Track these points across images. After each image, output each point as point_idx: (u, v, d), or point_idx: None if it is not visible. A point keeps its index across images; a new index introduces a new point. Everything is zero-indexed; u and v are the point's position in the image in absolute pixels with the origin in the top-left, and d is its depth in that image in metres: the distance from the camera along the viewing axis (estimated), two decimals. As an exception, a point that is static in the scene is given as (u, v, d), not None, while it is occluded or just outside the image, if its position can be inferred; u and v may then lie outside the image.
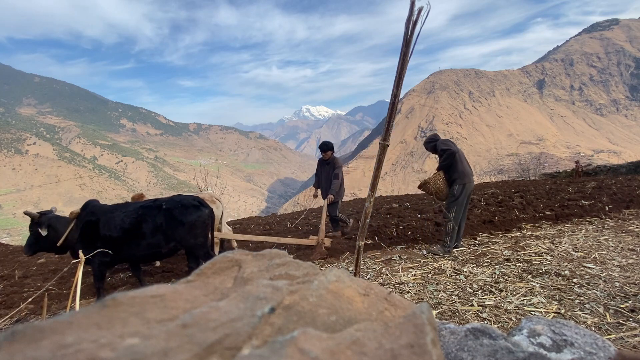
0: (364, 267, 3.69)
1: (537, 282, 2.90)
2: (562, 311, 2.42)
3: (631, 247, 3.66)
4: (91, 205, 3.27)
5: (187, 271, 4.40)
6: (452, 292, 2.88)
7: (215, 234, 4.28)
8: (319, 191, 5.23)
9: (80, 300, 2.41)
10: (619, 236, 4.08)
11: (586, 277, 2.95)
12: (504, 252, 3.75)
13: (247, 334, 0.42)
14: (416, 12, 1.81)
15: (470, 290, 2.89)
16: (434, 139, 4.16)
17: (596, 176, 12.43)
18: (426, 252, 4.05)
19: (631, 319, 2.23)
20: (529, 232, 4.52)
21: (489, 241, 4.30)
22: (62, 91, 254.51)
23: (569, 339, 0.73)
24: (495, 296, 2.73)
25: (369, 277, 3.44)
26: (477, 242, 4.32)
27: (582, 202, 5.98)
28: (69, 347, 0.36)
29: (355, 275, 2.41)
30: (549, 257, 3.47)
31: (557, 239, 4.09)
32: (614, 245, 3.77)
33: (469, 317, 2.47)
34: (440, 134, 4.27)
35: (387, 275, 3.40)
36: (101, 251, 2.99)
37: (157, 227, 3.11)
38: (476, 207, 6.29)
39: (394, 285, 3.15)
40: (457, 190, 3.89)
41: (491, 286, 2.91)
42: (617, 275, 2.96)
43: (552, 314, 2.39)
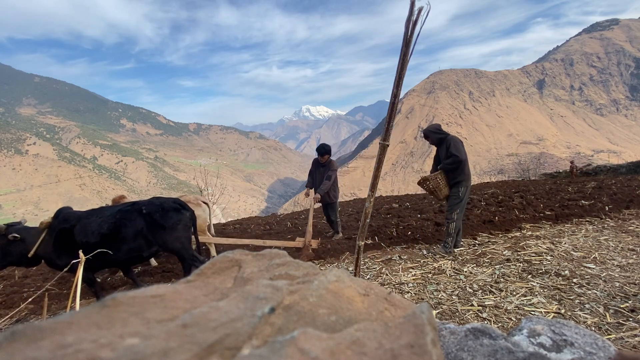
0: (364, 267, 3.69)
1: (537, 282, 2.90)
2: (562, 311, 2.42)
3: (631, 247, 3.66)
4: (64, 212, 3.16)
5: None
6: (452, 292, 2.88)
7: (202, 238, 4.28)
8: (312, 191, 5.22)
9: (80, 300, 2.40)
10: (619, 236, 4.08)
11: (586, 277, 2.95)
12: (504, 252, 3.75)
13: (247, 334, 0.42)
14: (416, 12, 1.81)
15: (470, 290, 2.89)
16: (440, 131, 4.04)
17: (596, 176, 12.43)
18: (426, 252, 4.04)
19: (631, 319, 2.23)
20: (529, 232, 4.52)
21: (489, 241, 4.30)
22: (62, 91, 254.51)
23: (569, 339, 0.73)
24: (495, 296, 2.73)
25: (369, 277, 3.44)
26: (477, 242, 4.32)
27: (582, 202, 5.98)
28: (69, 347, 0.36)
29: (355, 275, 2.41)
30: (549, 257, 3.47)
31: (557, 239, 4.09)
32: (614, 245, 3.77)
33: (469, 317, 2.47)
34: (445, 132, 4.12)
35: (387, 275, 3.40)
36: (70, 260, 2.92)
37: (138, 232, 3.03)
38: (476, 207, 6.30)
39: (394, 285, 3.15)
40: (462, 192, 3.86)
41: (491, 286, 2.91)
42: (617, 275, 2.96)
43: (552, 314, 2.39)
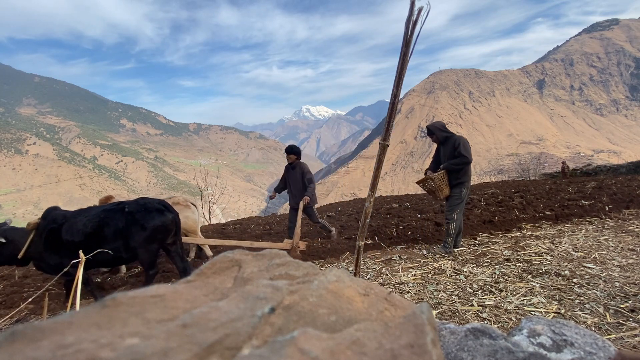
0: (364, 267, 3.69)
1: (537, 282, 2.90)
2: (562, 311, 2.42)
3: (631, 247, 3.66)
4: (53, 213, 3.16)
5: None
6: (452, 292, 2.88)
7: (183, 239, 4.28)
8: (284, 196, 5.19)
9: (80, 300, 2.40)
10: (619, 236, 4.08)
11: (586, 277, 2.95)
12: (504, 252, 3.75)
13: (247, 334, 0.42)
14: (416, 12, 1.81)
15: (470, 290, 2.89)
16: (446, 129, 4.02)
17: (596, 176, 12.43)
18: (426, 252, 4.04)
19: (631, 319, 2.23)
20: (529, 232, 4.52)
21: (489, 241, 4.30)
22: (62, 91, 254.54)
23: (569, 339, 0.73)
24: (495, 296, 2.73)
25: (369, 277, 3.44)
26: (477, 242, 4.32)
27: (582, 202, 5.98)
28: (69, 347, 0.36)
29: (355, 275, 2.41)
30: (549, 257, 3.47)
31: (557, 239, 4.09)
32: (614, 245, 3.77)
33: (469, 317, 2.47)
34: (451, 132, 4.09)
35: (387, 275, 3.40)
36: (59, 260, 2.94)
37: (119, 231, 3.02)
38: (476, 207, 6.30)
39: (394, 285, 3.15)
40: (464, 193, 3.85)
41: (491, 286, 2.91)
42: (617, 275, 2.96)
43: (552, 314, 2.39)
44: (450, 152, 3.88)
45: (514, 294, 2.74)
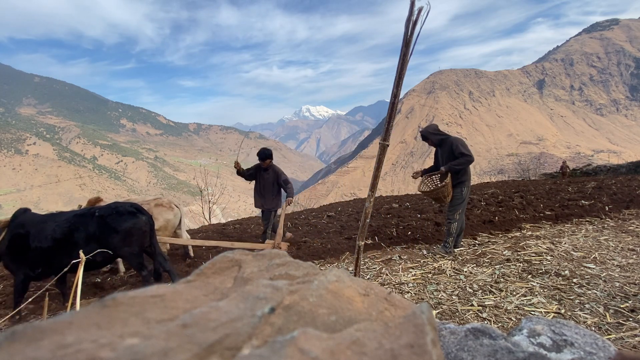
0: (364, 267, 3.69)
1: (537, 282, 2.90)
2: (562, 311, 2.42)
3: (631, 247, 3.66)
4: (21, 216, 3.11)
5: (186, 272, 4.40)
6: (452, 292, 2.88)
7: (165, 239, 4.22)
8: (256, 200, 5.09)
9: (80, 300, 2.40)
10: (619, 236, 4.08)
11: (586, 277, 2.95)
12: (504, 252, 3.75)
13: (247, 334, 0.42)
14: (416, 12, 1.81)
15: (470, 290, 2.89)
16: (440, 131, 4.01)
17: (596, 176, 12.43)
18: (427, 252, 4.04)
19: (631, 319, 2.23)
20: (529, 232, 4.52)
21: (489, 241, 4.30)
22: (62, 91, 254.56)
23: (569, 339, 0.73)
24: (495, 296, 2.73)
25: (369, 277, 3.44)
26: (477, 242, 4.32)
27: (582, 202, 5.98)
28: (69, 347, 0.36)
29: (355, 275, 2.41)
30: (549, 257, 3.47)
31: (557, 239, 4.09)
32: (614, 245, 3.77)
33: (469, 317, 2.47)
34: (446, 133, 4.07)
35: (387, 275, 3.40)
36: (28, 264, 2.92)
37: (90, 236, 2.99)
38: (476, 207, 6.29)
39: (394, 285, 3.15)
40: (465, 192, 3.85)
41: (491, 286, 2.91)
42: (617, 275, 2.96)
43: (552, 314, 2.39)
44: (448, 154, 3.86)
45: (514, 294, 2.74)
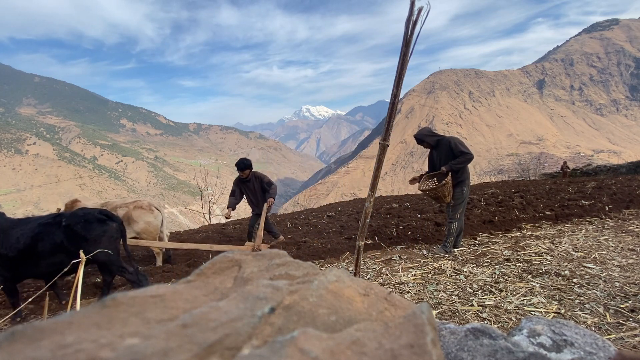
0: (364, 267, 3.69)
1: (537, 282, 2.90)
2: (562, 311, 2.42)
3: (631, 247, 3.66)
4: None
5: (186, 272, 4.40)
6: (452, 292, 2.88)
7: (141, 242, 4.23)
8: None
9: (80, 300, 2.40)
10: (619, 236, 4.08)
11: (586, 277, 2.95)
12: (504, 252, 3.75)
13: (247, 334, 0.42)
14: (416, 12, 1.81)
15: (470, 290, 2.89)
16: (434, 133, 4.01)
17: (596, 176, 12.43)
18: (427, 252, 4.04)
19: (631, 319, 2.23)
20: (529, 232, 4.52)
21: (489, 241, 4.30)
22: (62, 91, 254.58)
23: (569, 339, 0.73)
24: (495, 296, 2.73)
25: (369, 277, 3.44)
26: (477, 242, 4.32)
27: (582, 202, 5.98)
28: (69, 347, 0.36)
29: (355, 275, 2.41)
30: (549, 257, 3.47)
31: (557, 239, 4.09)
32: (614, 245, 3.77)
33: (469, 317, 2.47)
34: (440, 134, 4.08)
35: (387, 275, 3.40)
36: (2, 268, 2.88)
37: (58, 245, 2.93)
38: (476, 207, 6.30)
39: (394, 285, 3.15)
40: (465, 191, 3.85)
41: (491, 286, 2.91)
42: (617, 275, 2.96)
43: (552, 314, 2.39)
44: (446, 154, 3.83)
45: (514, 294, 2.73)
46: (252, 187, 4.90)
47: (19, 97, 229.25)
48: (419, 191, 4.00)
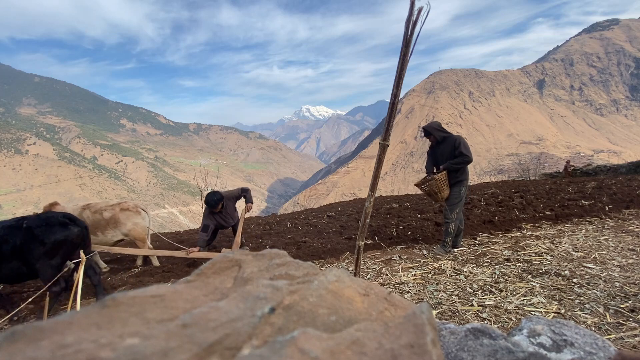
0: (364, 267, 3.69)
1: (537, 282, 2.90)
2: (562, 311, 2.42)
3: (631, 247, 3.66)
4: None
5: (186, 272, 4.40)
6: (452, 292, 2.88)
7: (115, 250, 4.20)
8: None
9: (80, 300, 2.41)
10: (619, 236, 4.08)
11: (586, 277, 2.95)
12: (504, 252, 3.75)
13: (247, 334, 0.42)
14: (416, 12, 1.81)
15: (470, 290, 2.89)
16: (443, 129, 4.01)
17: (596, 176, 12.43)
18: (427, 252, 4.04)
19: (631, 319, 2.23)
20: (529, 232, 4.52)
21: (489, 241, 4.30)
22: (62, 91, 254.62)
23: (569, 339, 0.73)
24: (495, 296, 2.73)
25: (369, 277, 3.44)
26: (477, 242, 4.32)
27: (582, 202, 5.98)
28: (69, 347, 0.36)
29: (355, 275, 2.41)
30: (549, 257, 3.47)
31: (557, 239, 4.09)
32: (614, 245, 3.77)
33: (469, 317, 2.47)
34: (449, 131, 4.10)
35: (387, 275, 3.40)
36: None
37: (17, 248, 2.89)
38: (476, 207, 6.30)
39: (394, 285, 3.15)
40: (463, 191, 3.86)
41: (491, 286, 2.91)
42: (617, 275, 2.96)
43: (552, 314, 2.39)
44: (449, 152, 3.86)
45: (514, 294, 2.73)
46: (226, 211, 4.67)
47: (19, 97, 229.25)
48: (416, 186, 4.07)
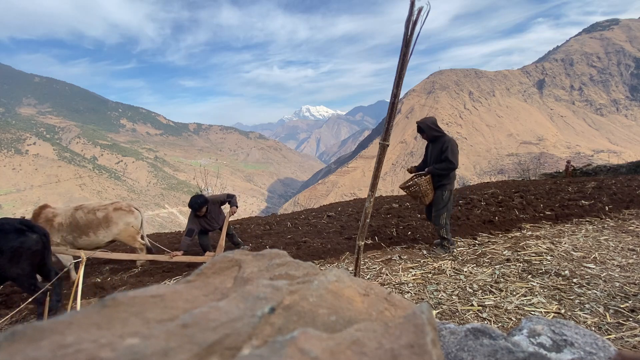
0: (364, 267, 3.69)
1: (537, 282, 2.90)
2: (562, 311, 2.42)
3: (631, 247, 3.66)
4: None
5: (186, 272, 4.40)
6: (452, 292, 2.88)
7: (98, 254, 4.11)
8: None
9: (80, 300, 2.41)
10: (619, 236, 4.08)
11: (586, 277, 2.95)
12: (504, 252, 3.75)
13: (247, 334, 0.42)
14: (416, 12, 1.81)
15: (470, 290, 2.89)
16: (438, 127, 3.82)
17: (596, 176, 12.43)
18: (427, 252, 4.04)
19: (631, 319, 2.23)
20: (529, 232, 4.52)
21: (489, 241, 4.30)
22: (62, 91, 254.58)
23: (569, 339, 0.73)
24: (495, 296, 2.73)
25: (369, 277, 3.44)
26: (477, 242, 4.32)
27: (582, 202, 5.98)
28: (69, 347, 0.36)
29: (355, 275, 2.41)
30: (549, 257, 3.47)
31: (557, 239, 4.09)
32: (614, 245, 3.77)
33: (469, 317, 2.47)
34: (442, 131, 3.94)
35: (387, 275, 3.40)
36: None
37: None
38: (476, 207, 6.30)
39: (394, 285, 3.15)
40: (447, 196, 3.77)
41: (491, 286, 2.91)
42: (617, 275, 2.96)
43: (552, 314, 2.39)
44: (437, 153, 3.74)
45: (514, 294, 2.73)
46: (210, 216, 4.63)
47: (19, 97, 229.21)
48: (401, 189, 3.95)
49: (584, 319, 2.31)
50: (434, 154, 3.80)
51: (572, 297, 2.61)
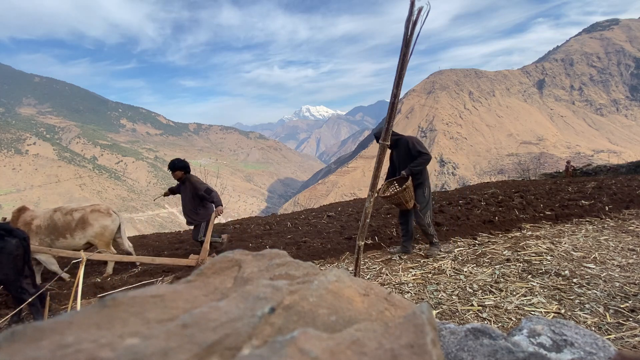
0: (364, 267, 3.69)
1: (537, 282, 2.90)
2: (562, 311, 2.42)
3: (631, 247, 3.66)
4: None
5: (186, 272, 4.39)
6: (452, 292, 2.88)
7: (95, 255, 4.16)
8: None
9: (80, 300, 2.41)
10: (619, 236, 4.08)
11: (586, 277, 2.95)
12: (504, 252, 3.75)
13: (247, 334, 0.42)
14: (416, 12, 1.81)
15: (470, 290, 2.89)
16: (394, 132, 3.67)
17: (596, 176, 12.43)
18: (424, 253, 4.04)
19: (631, 319, 2.23)
20: (529, 232, 4.52)
21: (489, 241, 4.30)
22: (62, 91, 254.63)
23: (569, 339, 0.73)
24: (495, 296, 2.73)
25: (369, 277, 3.44)
26: (477, 242, 4.32)
27: (582, 202, 5.98)
28: (69, 347, 0.36)
29: (355, 275, 2.41)
30: (549, 257, 3.47)
31: (557, 239, 4.09)
32: (614, 245, 3.77)
33: (469, 317, 2.47)
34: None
35: (387, 275, 3.40)
36: None
37: None
38: (476, 207, 6.30)
39: (394, 285, 3.15)
40: (427, 193, 3.75)
41: (491, 286, 2.91)
42: (617, 275, 2.96)
43: (552, 314, 2.39)
44: (404, 154, 3.71)
45: (514, 294, 2.73)
46: (184, 191, 4.53)
47: (19, 97, 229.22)
48: (380, 197, 3.74)
49: (584, 319, 2.31)
50: (401, 155, 3.77)
51: (572, 297, 2.61)
